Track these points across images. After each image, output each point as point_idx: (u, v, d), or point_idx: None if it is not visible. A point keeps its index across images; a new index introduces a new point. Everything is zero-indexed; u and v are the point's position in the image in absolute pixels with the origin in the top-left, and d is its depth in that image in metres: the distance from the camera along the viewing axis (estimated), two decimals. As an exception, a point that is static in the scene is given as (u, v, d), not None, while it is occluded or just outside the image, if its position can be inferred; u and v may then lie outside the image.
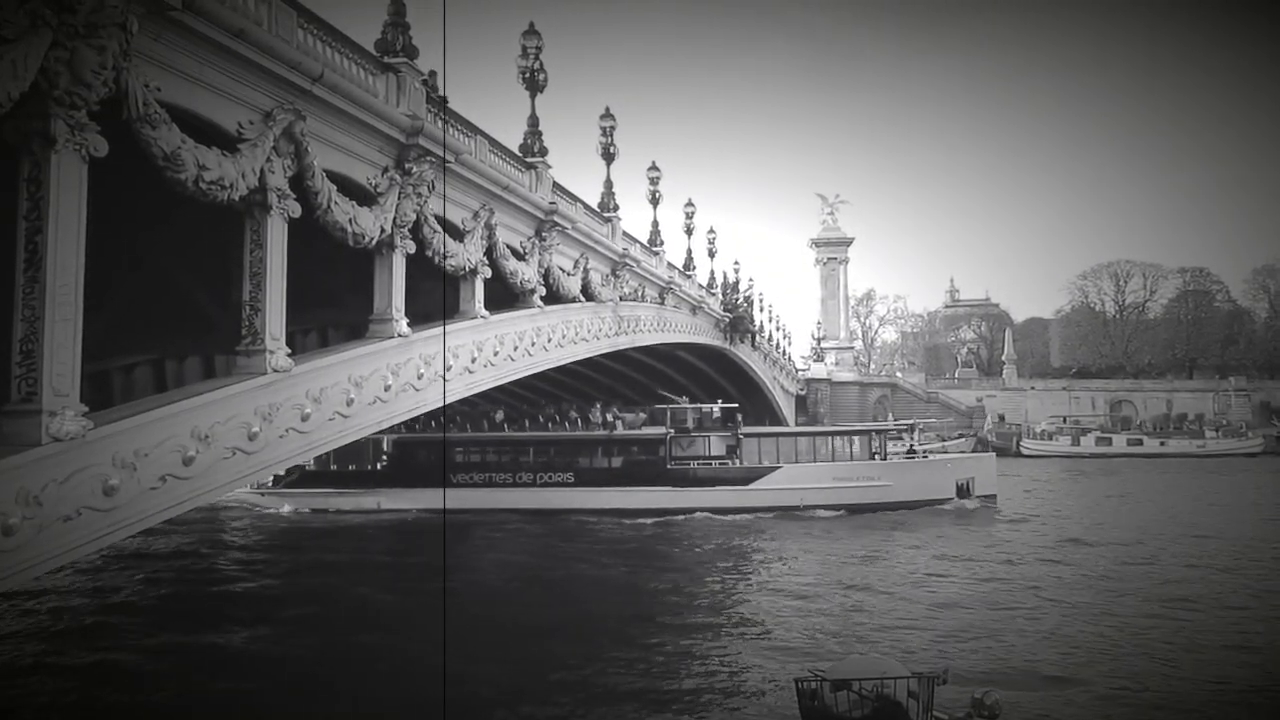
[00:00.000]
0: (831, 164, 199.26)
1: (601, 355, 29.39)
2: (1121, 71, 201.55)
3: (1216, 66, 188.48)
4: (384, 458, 47.74)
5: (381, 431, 44.88)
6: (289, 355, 12.28)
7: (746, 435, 45.88)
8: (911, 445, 51.39)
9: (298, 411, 12.49)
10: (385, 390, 14.74)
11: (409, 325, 15.38)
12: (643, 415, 46.82)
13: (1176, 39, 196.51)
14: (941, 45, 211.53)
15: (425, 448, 45.60)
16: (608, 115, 30.60)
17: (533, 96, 22.63)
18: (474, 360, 18.55)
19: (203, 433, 10.58)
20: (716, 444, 45.51)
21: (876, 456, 45.57)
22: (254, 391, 11.60)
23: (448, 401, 18.52)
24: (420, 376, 15.79)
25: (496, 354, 19.49)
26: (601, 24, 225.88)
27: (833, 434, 48.20)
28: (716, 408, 48.84)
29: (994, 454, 52.03)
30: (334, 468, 46.83)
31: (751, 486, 43.25)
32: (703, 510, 42.10)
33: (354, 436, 14.68)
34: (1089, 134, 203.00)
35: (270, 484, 46.85)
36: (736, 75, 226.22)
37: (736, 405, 50.87)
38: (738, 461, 44.68)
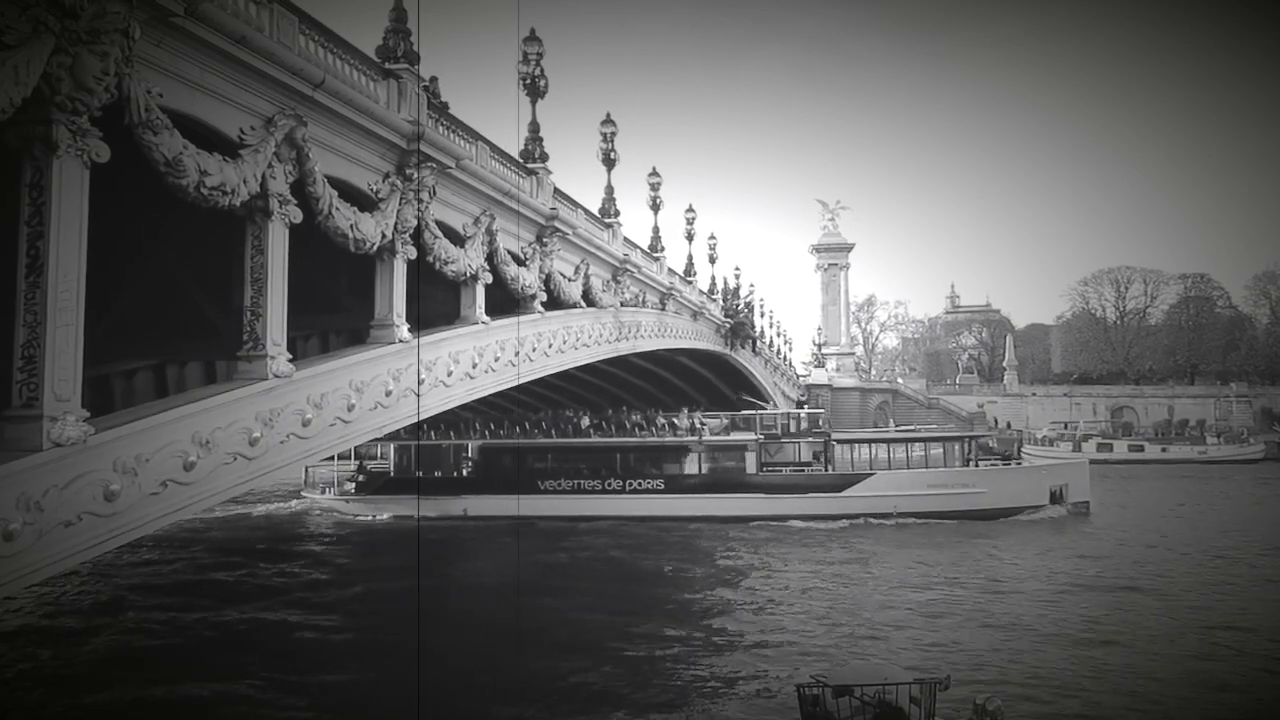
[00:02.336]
0: (832, 170, 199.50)
1: (602, 360, 29.39)
2: (1122, 76, 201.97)
3: (1217, 71, 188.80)
4: (468, 463, 47.32)
5: (460, 440, 46.00)
6: (290, 361, 12.29)
7: (840, 441, 45.39)
8: (1005, 451, 50.54)
9: (299, 417, 12.49)
10: (386, 395, 14.74)
11: (410, 331, 15.39)
12: (724, 420, 46.63)
13: (1178, 43, 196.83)
14: (943, 51, 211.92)
15: (511, 453, 45.48)
16: (609, 121, 30.64)
17: (534, 102, 22.67)
18: (475, 366, 18.54)
19: (204, 438, 10.58)
20: (806, 450, 45.07)
21: (970, 462, 44.80)
22: (255, 397, 11.60)
23: (447, 407, 18.55)
24: (422, 382, 15.80)
25: (498, 359, 19.49)
26: (603, 30, 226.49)
27: (927, 440, 47.17)
28: (803, 412, 48.51)
29: (1087, 460, 50.82)
30: (419, 474, 46.76)
31: (845, 494, 42.60)
32: (795, 517, 41.46)
33: (355, 442, 14.70)
34: (1090, 139, 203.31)
35: (354, 490, 47.01)
36: (737, 81, 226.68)
37: (822, 410, 50.00)
38: (830, 468, 44.16)
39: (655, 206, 39.21)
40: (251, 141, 11.38)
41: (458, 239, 17.70)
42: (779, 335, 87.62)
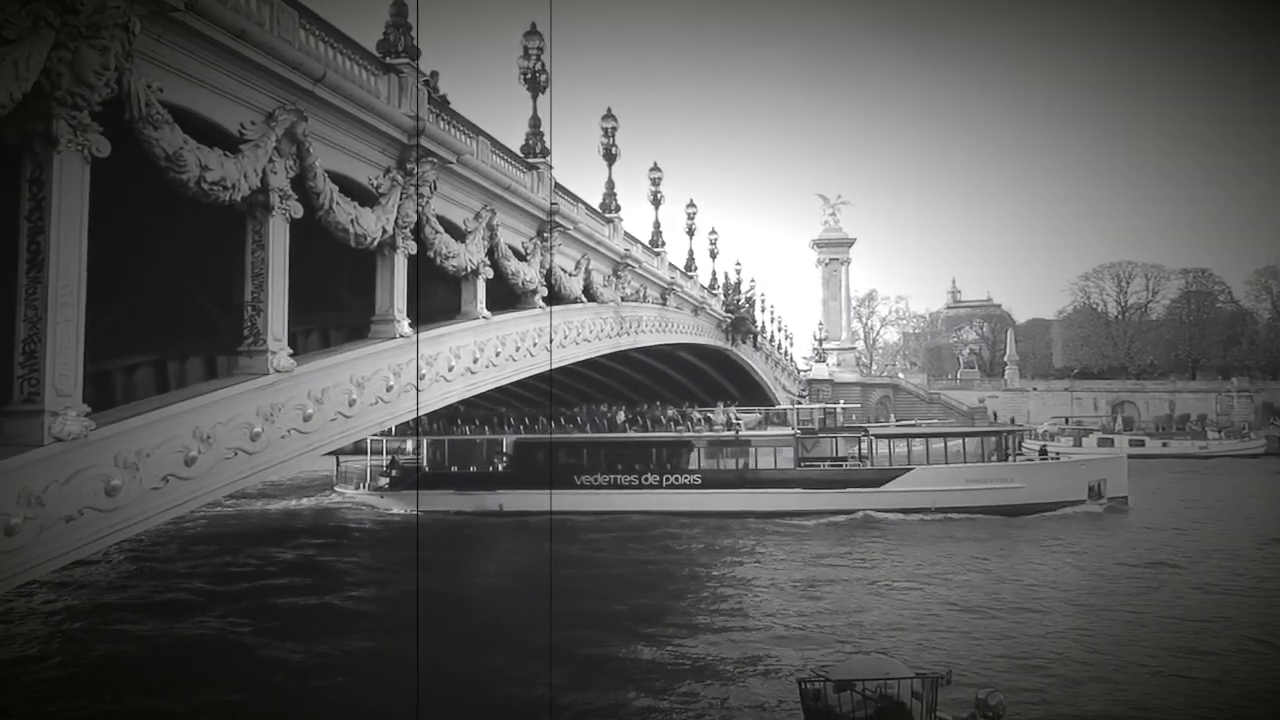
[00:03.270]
0: (833, 164, 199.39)
1: (602, 356, 29.36)
2: (1123, 72, 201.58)
3: (1218, 67, 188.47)
4: (503, 458, 47.18)
5: (495, 434, 46.03)
6: (291, 356, 12.27)
7: (878, 435, 45.23)
8: (1044, 446, 50.32)
9: (300, 412, 12.48)
10: (387, 391, 14.73)
11: (410, 326, 15.37)
12: (759, 415, 46.53)
13: (1178, 39, 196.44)
14: (944, 47, 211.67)
15: (545, 449, 45.41)
16: (609, 116, 30.55)
17: (534, 97, 22.59)
18: (475, 361, 18.53)
19: (205, 433, 10.57)
20: (844, 445, 45.05)
21: (1008, 458, 44.59)
22: (256, 392, 11.58)
23: (448, 402, 18.54)
24: (422, 377, 15.79)
25: (498, 354, 19.48)
26: (604, 25, 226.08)
27: (965, 435, 47.11)
28: (840, 407, 48.32)
29: (1125, 454, 50.80)
30: (453, 469, 46.75)
31: (883, 489, 42.46)
32: (834, 513, 41.30)
33: (356, 437, 14.67)
34: (1090, 135, 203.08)
35: (386, 486, 46.98)
36: (738, 76, 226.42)
37: (856, 405, 49.84)
38: (869, 463, 44.04)
39: (656, 202, 39.09)
40: (252, 136, 11.36)
41: (458, 234, 17.68)
42: (780, 330, 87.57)
